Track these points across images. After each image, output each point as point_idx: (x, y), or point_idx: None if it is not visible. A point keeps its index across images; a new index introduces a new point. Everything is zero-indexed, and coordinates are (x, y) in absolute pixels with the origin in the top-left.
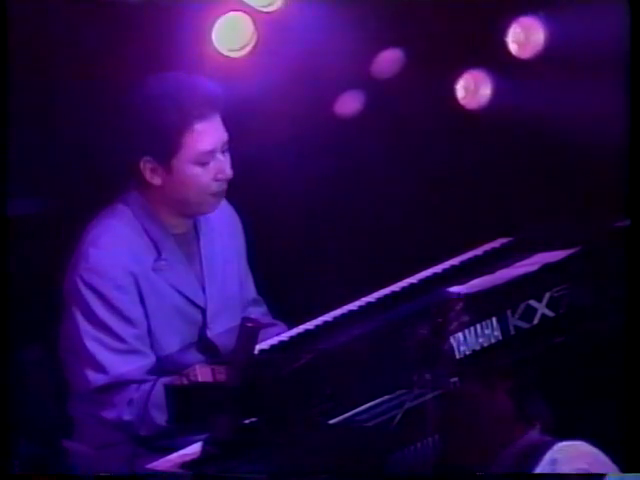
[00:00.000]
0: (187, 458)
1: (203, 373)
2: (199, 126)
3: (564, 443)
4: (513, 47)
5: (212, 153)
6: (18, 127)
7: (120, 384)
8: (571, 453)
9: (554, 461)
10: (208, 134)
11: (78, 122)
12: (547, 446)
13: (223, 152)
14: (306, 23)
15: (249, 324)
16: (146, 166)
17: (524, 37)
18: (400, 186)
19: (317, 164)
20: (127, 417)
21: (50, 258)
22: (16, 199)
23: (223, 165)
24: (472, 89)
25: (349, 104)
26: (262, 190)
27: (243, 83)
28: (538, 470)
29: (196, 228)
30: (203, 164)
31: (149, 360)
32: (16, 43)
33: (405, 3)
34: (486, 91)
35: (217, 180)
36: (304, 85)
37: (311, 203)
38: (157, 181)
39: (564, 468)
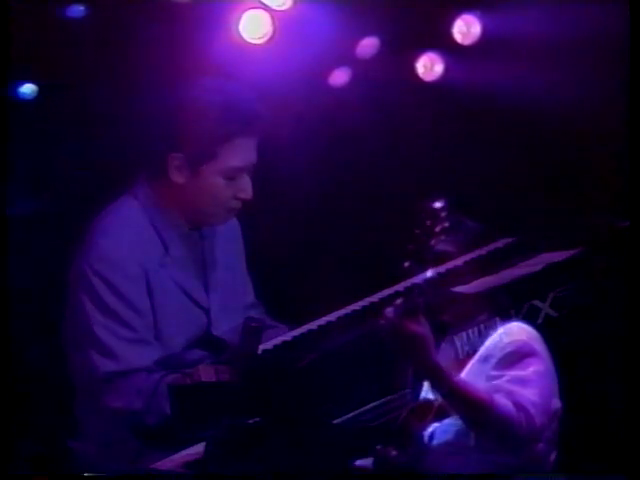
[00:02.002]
0: (190, 458)
1: (206, 373)
2: (238, 142)
3: (509, 323)
4: (458, 36)
5: (241, 171)
6: (20, 122)
7: (130, 372)
8: (513, 329)
9: (501, 335)
10: (244, 151)
11: (86, 118)
12: (497, 324)
13: (249, 173)
14: (309, 18)
15: (253, 324)
16: (174, 162)
17: (466, 29)
18: (399, 180)
19: (311, 153)
20: (136, 406)
21: (51, 257)
22: (16, 199)
23: (246, 186)
24: (429, 67)
25: (339, 79)
26: (261, 191)
27: (262, 65)
28: (489, 341)
29: (200, 230)
30: (229, 179)
31: (158, 351)
32: (19, 36)
33: (381, 3)
34: (439, 68)
35: (237, 198)
36: (305, 63)
37: (311, 204)
38: (179, 179)
39: (507, 339)
